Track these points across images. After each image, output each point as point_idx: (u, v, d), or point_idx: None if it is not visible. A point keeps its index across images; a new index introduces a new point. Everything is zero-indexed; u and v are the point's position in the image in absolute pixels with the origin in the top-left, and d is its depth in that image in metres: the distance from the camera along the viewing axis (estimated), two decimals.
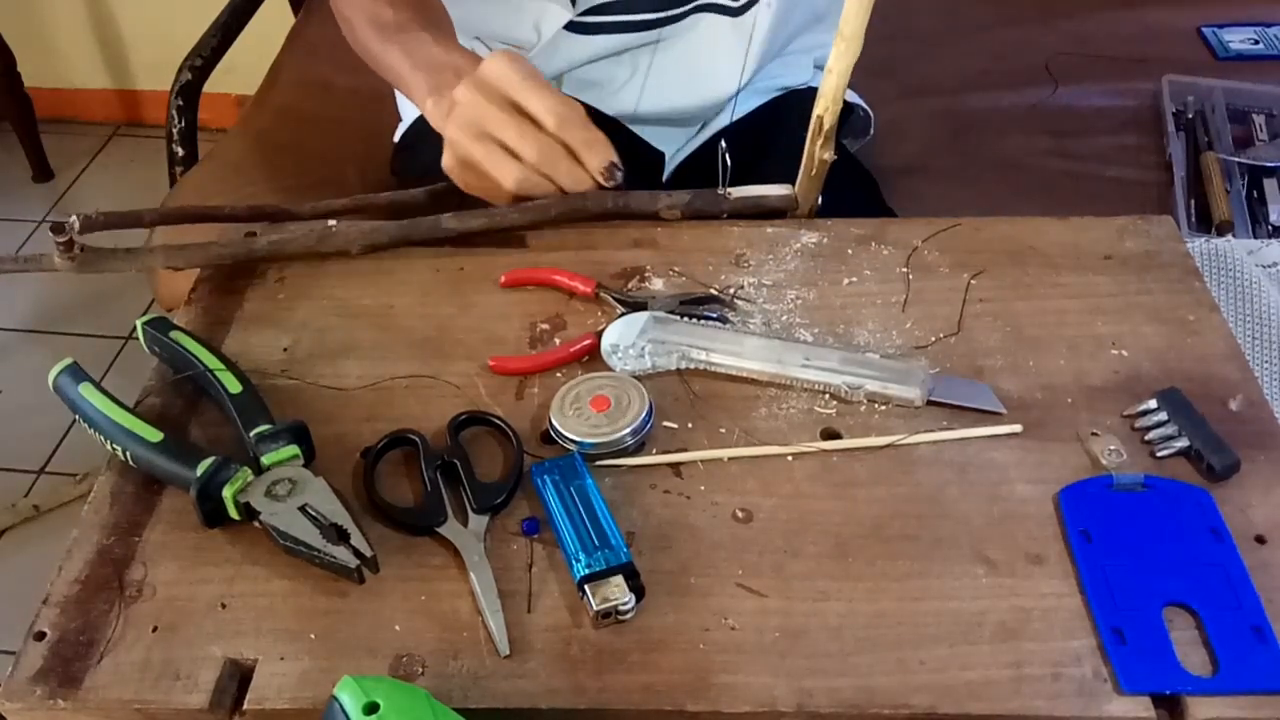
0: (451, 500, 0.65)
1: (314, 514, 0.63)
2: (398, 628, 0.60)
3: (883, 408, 0.70)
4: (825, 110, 0.78)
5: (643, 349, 0.72)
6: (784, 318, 0.76)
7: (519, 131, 0.79)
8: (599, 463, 0.67)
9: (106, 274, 0.79)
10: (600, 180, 0.80)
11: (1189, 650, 0.57)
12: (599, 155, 0.80)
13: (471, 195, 0.87)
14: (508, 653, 0.58)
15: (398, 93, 1.21)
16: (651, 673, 0.57)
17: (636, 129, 1.08)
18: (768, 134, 1.08)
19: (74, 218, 0.75)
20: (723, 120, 1.10)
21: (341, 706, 0.52)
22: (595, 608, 0.59)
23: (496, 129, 0.79)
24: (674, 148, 1.13)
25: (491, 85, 0.80)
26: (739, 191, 0.84)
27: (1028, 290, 0.77)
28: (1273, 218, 1.26)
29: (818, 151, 0.80)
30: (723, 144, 0.81)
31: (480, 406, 0.71)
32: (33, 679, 0.58)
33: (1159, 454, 0.67)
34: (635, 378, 0.71)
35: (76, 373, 0.69)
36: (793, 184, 0.84)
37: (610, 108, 1.07)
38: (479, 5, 1.06)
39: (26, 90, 2.35)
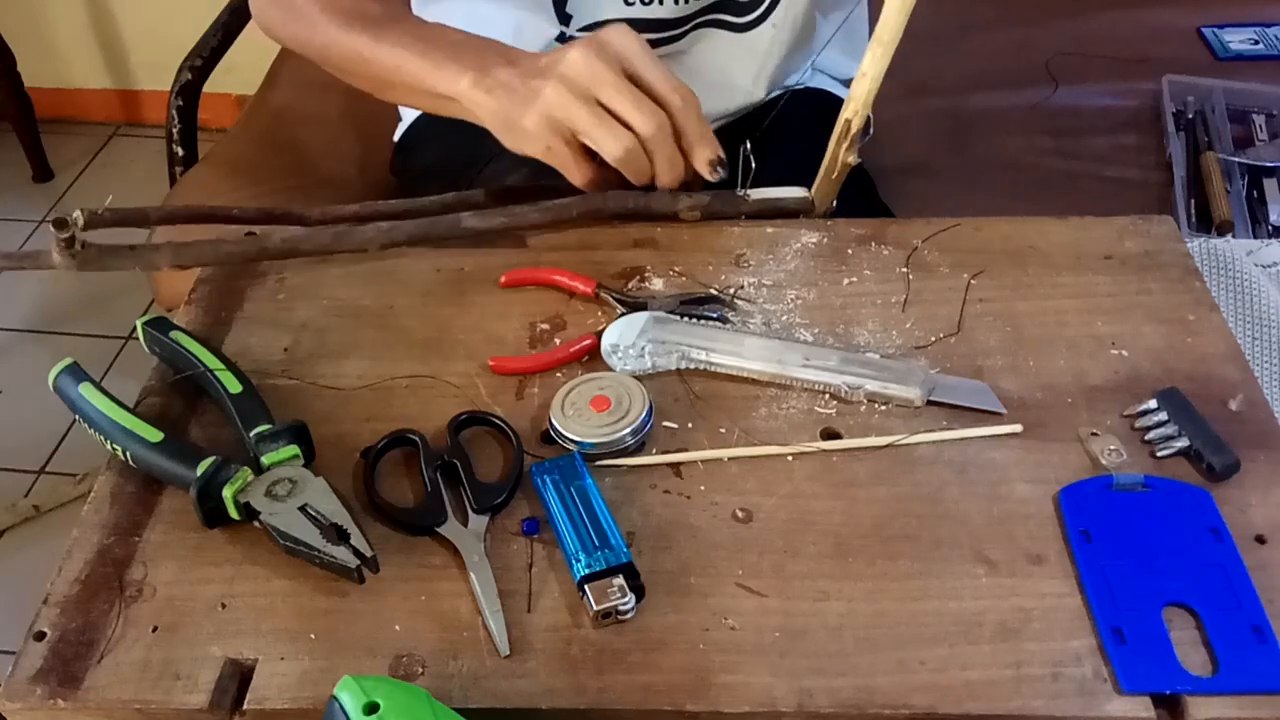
0: (451, 500, 0.65)
1: (314, 514, 0.63)
2: (398, 628, 0.60)
3: (883, 408, 0.70)
4: (854, 114, 0.77)
5: (643, 349, 0.72)
6: (784, 318, 0.76)
7: (636, 101, 0.76)
8: (599, 463, 0.67)
9: (106, 273, 0.78)
10: (705, 173, 0.79)
11: (1189, 650, 0.57)
12: (711, 148, 0.79)
13: (478, 194, 0.87)
14: (508, 653, 0.58)
15: None
16: (651, 673, 0.57)
17: None
18: (765, 134, 1.08)
19: (78, 213, 0.73)
20: (721, 120, 1.10)
21: (341, 706, 0.52)
22: (595, 608, 0.59)
23: (611, 94, 0.76)
24: None
25: (613, 51, 0.77)
26: (758, 193, 0.84)
27: (1028, 290, 0.77)
28: (1273, 218, 1.26)
29: (842, 154, 0.80)
30: (747, 145, 0.81)
31: (480, 406, 0.71)
32: (33, 679, 0.58)
33: (1159, 454, 0.67)
34: (635, 378, 0.71)
35: (76, 373, 0.69)
36: (799, 183, 0.84)
37: None
38: (462, 4, 1.05)
39: (26, 90, 2.36)
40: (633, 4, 0.99)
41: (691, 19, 1.02)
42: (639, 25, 1.00)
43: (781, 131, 1.07)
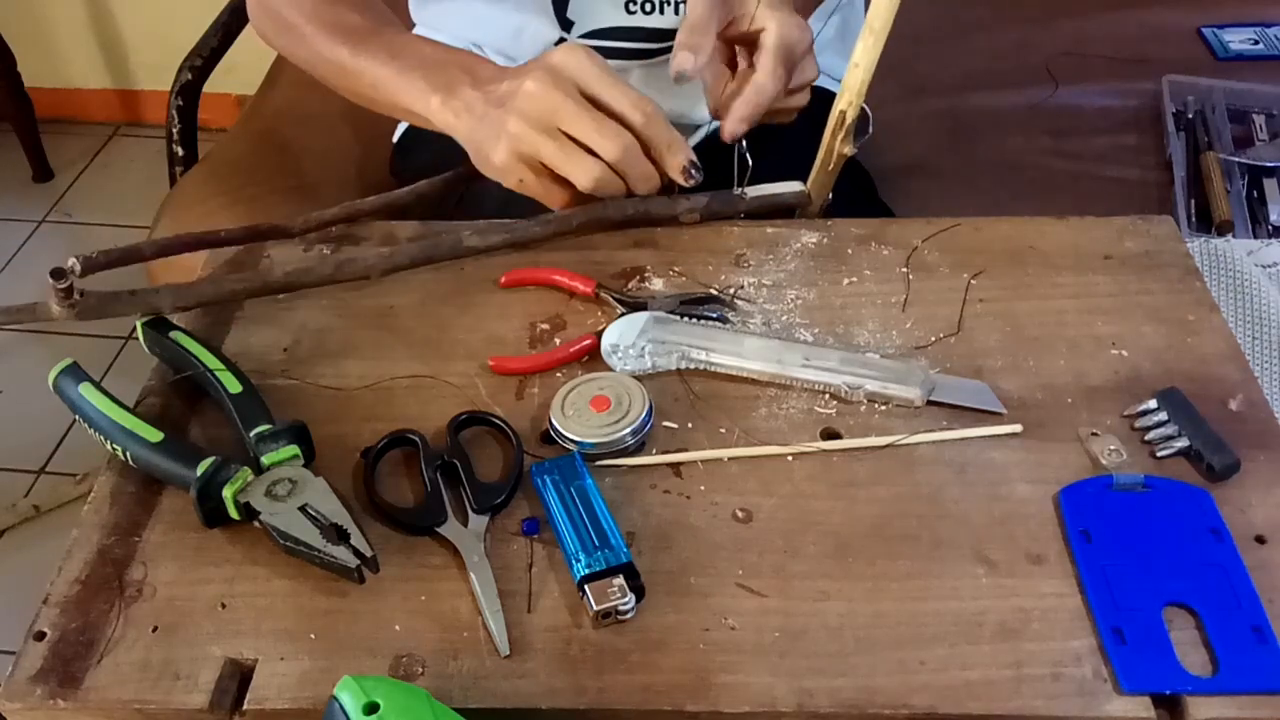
0: (451, 500, 0.65)
1: (314, 514, 0.63)
2: (398, 628, 0.60)
3: (883, 408, 0.70)
4: (849, 105, 0.77)
5: (643, 349, 0.72)
6: (784, 318, 0.76)
7: (598, 126, 0.75)
8: (599, 463, 0.67)
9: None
10: (680, 179, 0.79)
11: (1189, 650, 0.57)
12: (682, 154, 0.78)
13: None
14: (508, 653, 0.58)
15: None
16: (651, 673, 0.57)
17: None
18: (762, 133, 1.08)
19: (73, 261, 0.71)
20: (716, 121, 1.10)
21: (341, 706, 0.52)
22: (595, 608, 0.59)
23: (572, 123, 0.76)
24: None
25: (566, 76, 0.76)
26: (755, 191, 0.84)
27: (1028, 290, 0.77)
28: (1273, 218, 1.26)
29: (837, 146, 0.80)
30: (743, 143, 0.81)
31: (480, 406, 0.71)
32: (33, 679, 0.58)
33: (1159, 454, 0.67)
34: (635, 378, 0.71)
35: (76, 373, 0.69)
36: (793, 180, 0.84)
37: None
38: (461, 5, 1.05)
39: (26, 90, 2.36)
40: (634, 13, 0.99)
41: None
42: (641, 34, 1.00)
43: (778, 129, 1.08)
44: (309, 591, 0.62)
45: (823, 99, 1.15)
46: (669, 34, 1.01)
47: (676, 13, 1.00)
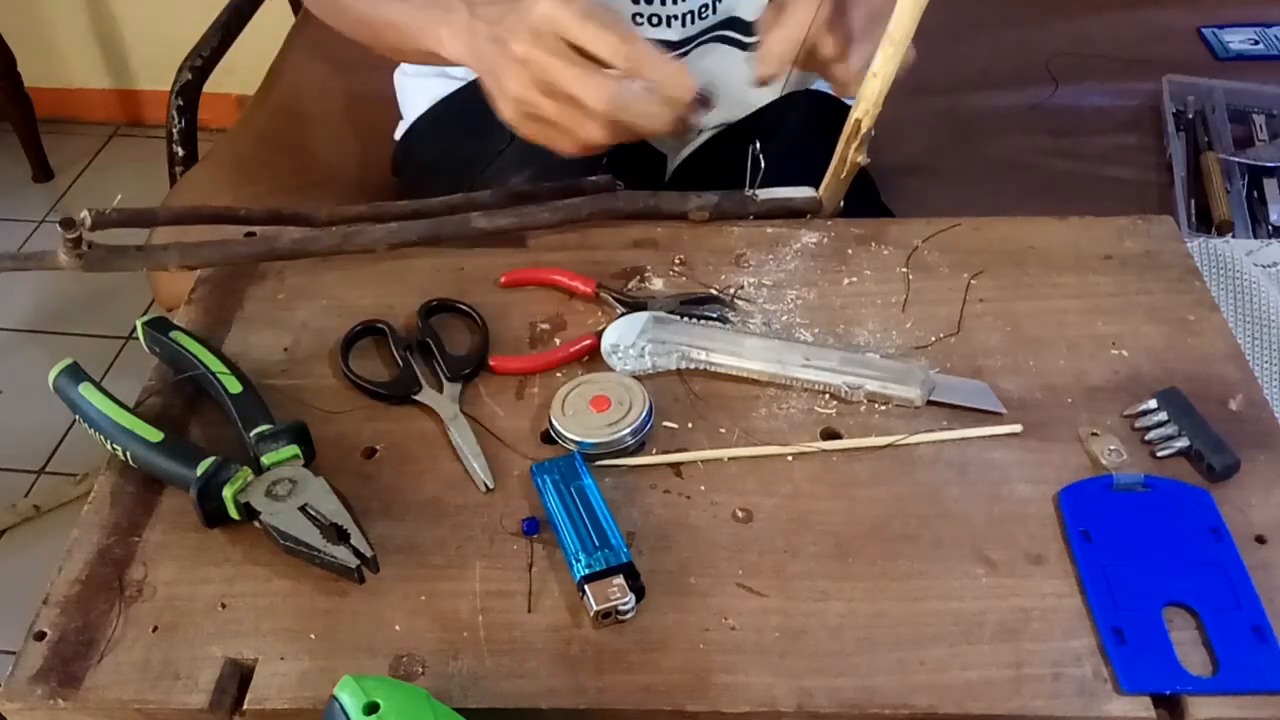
0: (425, 374, 0.72)
1: (314, 514, 0.63)
2: (398, 628, 0.60)
3: (883, 408, 0.70)
4: (865, 114, 0.77)
5: (643, 349, 0.72)
6: (784, 318, 0.76)
7: (583, 82, 0.74)
8: (599, 463, 0.67)
9: (106, 273, 0.77)
10: (689, 115, 0.76)
11: (1189, 650, 0.57)
12: (680, 87, 0.74)
13: (485, 195, 0.86)
14: (491, 486, 0.65)
15: (399, 91, 1.21)
16: (651, 673, 0.57)
17: None
18: (764, 135, 1.08)
19: (85, 213, 0.73)
20: (723, 124, 1.10)
21: (341, 706, 0.52)
22: (595, 608, 0.59)
23: (562, 82, 0.74)
24: (674, 150, 1.13)
25: (546, 32, 0.74)
26: (766, 193, 0.83)
27: (1028, 290, 0.77)
28: (1273, 218, 1.26)
29: (851, 154, 0.79)
30: (756, 145, 0.81)
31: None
32: (33, 679, 0.58)
33: (1159, 454, 0.67)
34: (635, 378, 0.71)
35: (76, 373, 0.69)
36: (800, 183, 0.84)
37: None
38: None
39: (26, 90, 2.35)
40: (641, 25, 1.00)
41: (696, 38, 1.03)
42: None
43: (783, 132, 1.07)
44: (309, 591, 0.62)
45: (827, 102, 1.15)
46: (677, 45, 1.01)
47: (684, 26, 1.00)
